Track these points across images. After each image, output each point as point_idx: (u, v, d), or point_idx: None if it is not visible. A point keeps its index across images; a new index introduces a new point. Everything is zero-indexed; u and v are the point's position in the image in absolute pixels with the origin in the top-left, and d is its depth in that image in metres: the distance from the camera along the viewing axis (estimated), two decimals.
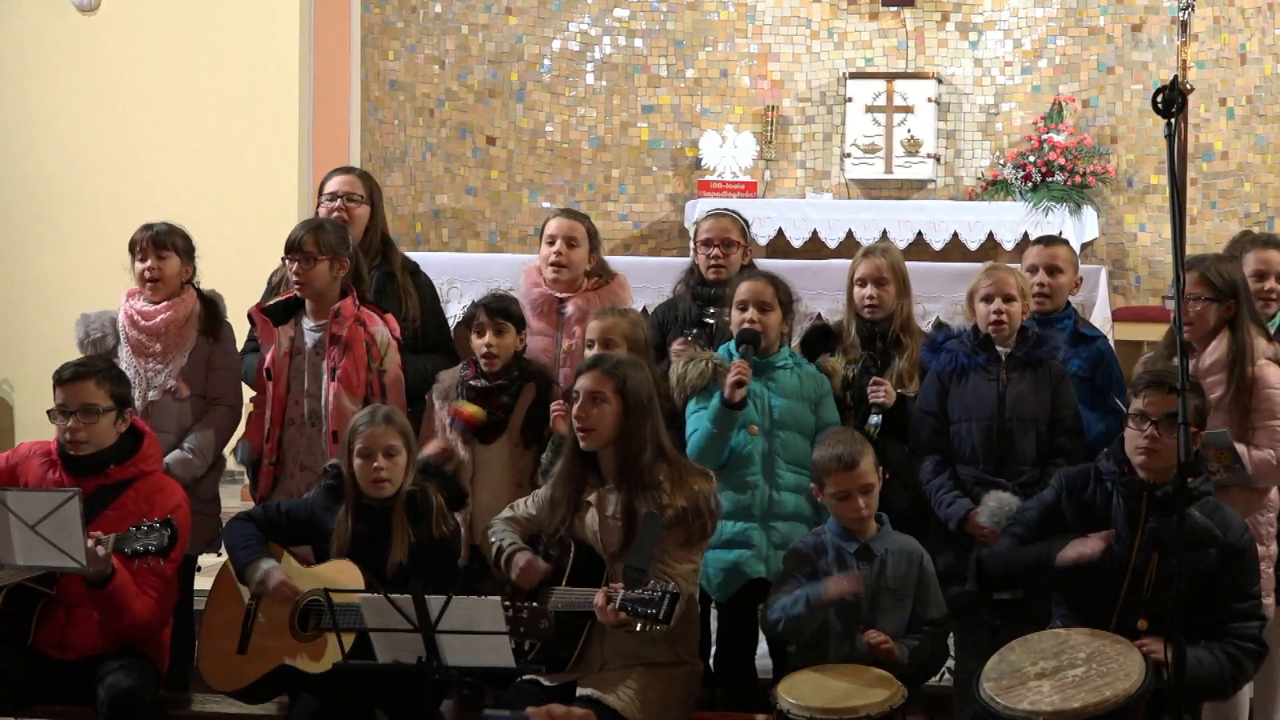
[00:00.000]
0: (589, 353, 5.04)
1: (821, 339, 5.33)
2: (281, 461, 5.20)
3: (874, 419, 5.01)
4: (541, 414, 5.10)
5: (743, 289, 5.06)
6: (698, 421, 4.94)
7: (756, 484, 4.91)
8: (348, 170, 5.79)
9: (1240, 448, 4.67)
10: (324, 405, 5.13)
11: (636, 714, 4.31)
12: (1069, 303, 5.43)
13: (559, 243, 5.47)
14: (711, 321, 5.41)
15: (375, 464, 4.60)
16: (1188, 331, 4.74)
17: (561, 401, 4.95)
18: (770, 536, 4.87)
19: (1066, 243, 5.60)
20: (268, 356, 5.21)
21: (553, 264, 5.47)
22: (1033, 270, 5.33)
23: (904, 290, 5.28)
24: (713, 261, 5.49)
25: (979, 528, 4.79)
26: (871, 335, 5.24)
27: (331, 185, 5.63)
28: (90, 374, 4.77)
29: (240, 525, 4.78)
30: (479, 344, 5.14)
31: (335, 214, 5.50)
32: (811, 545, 4.58)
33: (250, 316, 5.29)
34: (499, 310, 5.15)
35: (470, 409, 5.09)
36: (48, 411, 4.80)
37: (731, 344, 5.04)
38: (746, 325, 4.99)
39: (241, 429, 5.39)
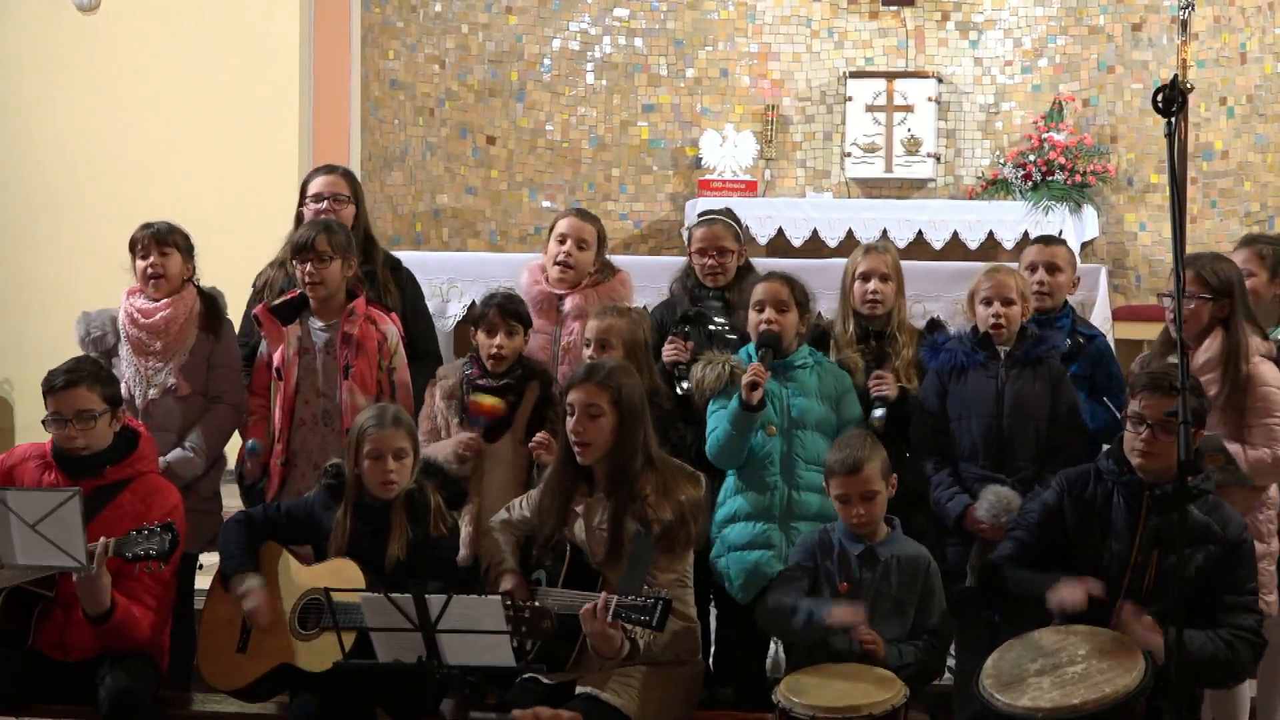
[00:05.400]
0: (587, 352, 5.04)
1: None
2: (290, 462, 5.21)
3: (877, 412, 5.03)
4: (545, 413, 5.11)
5: (759, 290, 5.06)
6: (717, 422, 4.94)
7: (776, 485, 4.91)
8: (329, 170, 5.74)
9: (1234, 447, 4.67)
10: (340, 404, 5.13)
11: (637, 712, 4.32)
12: (1066, 302, 5.44)
13: (569, 243, 5.46)
14: (701, 314, 5.40)
15: (386, 466, 4.61)
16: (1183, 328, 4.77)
17: (542, 438, 4.96)
18: (790, 537, 4.85)
19: (1065, 243, 5.62)
20: (275, 356, 5.21)
21: (559, 263, 5.46)
22: (1032, 269, 5.34)
23: (901, 289, 5.31)
24: (708, 270, 5.48)
25: (977, 523, 4.80)
26: (866, 333, 5.24)
27: (316, 186, 5.61)
28: (81, 379, 4.75)
29: (235, 529, 4.78)
30: (488, 343, 5.13)
31: (324, 215, 5.48)
32: (818, 540, 4.58)
33: (256, 317, 5.29)
34: (512, 312, 5.15)
35: (489, 400, 5.08)
36: (42, 421, 4.79)
37: (750, 346, 5.04)
38: (765, 327, 4.98)
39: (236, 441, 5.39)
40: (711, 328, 5.38)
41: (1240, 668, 4.23)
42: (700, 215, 5.82)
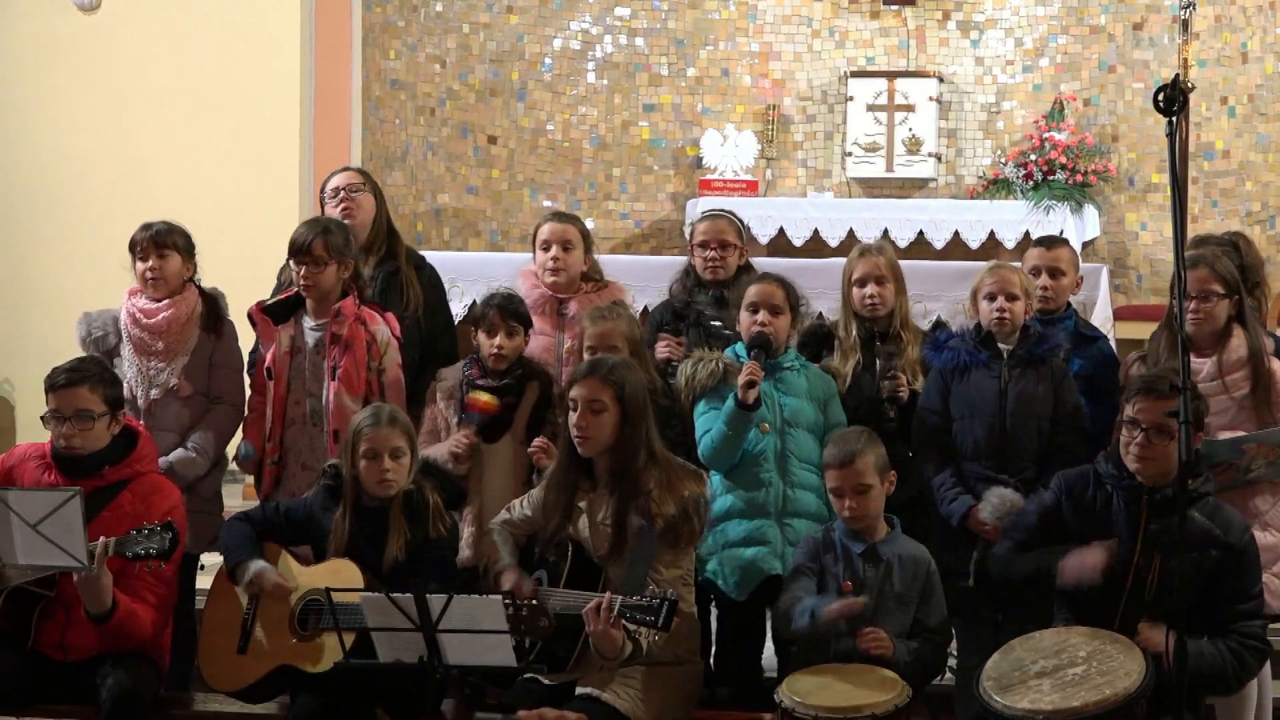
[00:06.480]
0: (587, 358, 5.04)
1: (820, 341, 5.33)
2: (283, 461, 5.21)
3: (892, 413, 5.04)
4: (545, 413, 5.11)
5: (753, 291, 5.05)
6: (709, 423, 4.92)
7: (771, 481, 4.90)
8: (346, 168, 5.84)
9: None
10: (325, 405, 5.13)
11: (637, 712, 4.31)
12: (1069, 303, 5.44)
13: (554, 248, 5.47)
14: (694, 310, 5.41)
15: (383, 466, 4.60)
16: (1197, 327, 4.78)
17: (541, 443, 4.97)
18: (786, 534, 4.85)
19: (1067, 243, 5.61)
20: (268, 355, 5.21)
21: (550, 269, 5.47)
22: (1035, 273, 5.34)
23: (901, 288, 5.30)
24: (710, 264, 5.49)
25: (981, 524, 4.80)
26: (870, 335, 5.24)
27: (333, 182, 5.67)
28: (84, 380, 4.73)
29: (236, 526, 4.78)
30: (489, 344, 5.14)
31: (342, 206, 5.53)
32: (820, 540, 4.57)
33: (250, 315, 5.29)
34: (512, 312, 5.16)
35: (485, 398, 5.08)
36: (41, 417, 4.79)
37: (739, 346, 5.04)
38: (758, 329, 4.98)
39: (239, 434, 5.39)
40: (706, 326, 5.39)
41: (1247, 675, 4.25)
42: (703, 213, 5.84)
